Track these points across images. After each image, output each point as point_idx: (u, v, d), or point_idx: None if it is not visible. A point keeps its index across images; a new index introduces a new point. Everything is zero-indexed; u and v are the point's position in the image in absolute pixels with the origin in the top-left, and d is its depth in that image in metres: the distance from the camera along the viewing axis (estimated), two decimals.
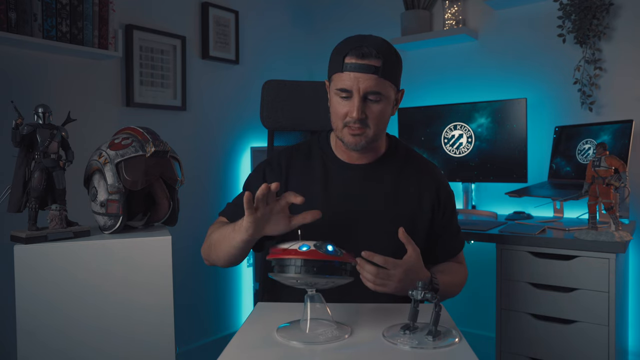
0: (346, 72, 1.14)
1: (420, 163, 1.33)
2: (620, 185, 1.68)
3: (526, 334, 1.82)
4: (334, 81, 1.18)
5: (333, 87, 1.19)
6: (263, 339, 0.91)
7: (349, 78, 1.14)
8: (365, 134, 1.18)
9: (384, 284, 1.07)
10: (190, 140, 2.46)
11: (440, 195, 1.29)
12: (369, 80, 1.13)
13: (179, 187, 1.41)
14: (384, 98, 1.17)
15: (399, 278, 1.07)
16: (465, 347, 0.86)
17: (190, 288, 2.42)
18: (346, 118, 1.17)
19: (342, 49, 1.16)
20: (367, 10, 2.92)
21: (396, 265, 1.07)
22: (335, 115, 1.20)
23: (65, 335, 1.19)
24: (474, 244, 2.12)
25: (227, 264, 1.21)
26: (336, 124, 1.21)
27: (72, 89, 2.03)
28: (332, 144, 1.31)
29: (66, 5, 1.87)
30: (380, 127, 1.20)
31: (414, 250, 1.11)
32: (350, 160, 1.28)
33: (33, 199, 1.23)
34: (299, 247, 0.88)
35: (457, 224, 1.35)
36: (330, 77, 1.21)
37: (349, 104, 1.16)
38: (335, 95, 1.19)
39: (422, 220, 1.26)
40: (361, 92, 1.14)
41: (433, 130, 2.47)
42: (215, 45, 2.53)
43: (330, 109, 1.23)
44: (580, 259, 1.72)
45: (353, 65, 1.13)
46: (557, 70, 2.33)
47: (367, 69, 1.13)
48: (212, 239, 1.22)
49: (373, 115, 1.17)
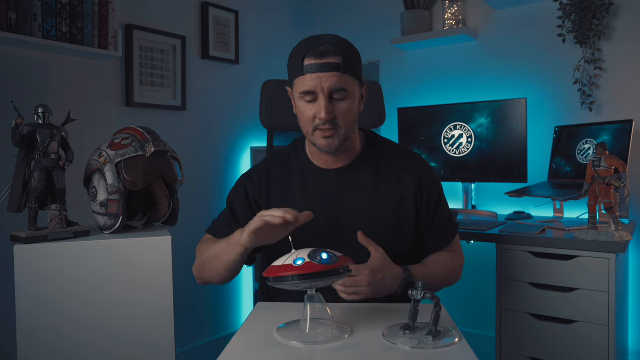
0: (307, 74, 1.12)
1: (399, 155, 1.30)
2: (620, 185, 1.68)
3: (526, 334, 1.82)
4: (297, 86, 1.16)
5: (296, 92, 1.16)
6: (263, 339, 0.91)
7: (311, 79, 1.11)
8: (337, 134, 1.16)
9: (355, 291, 1.07)
10: (190, 140, 2.46)
11: (422, 185, 1.25)
12: (331, 78, 1.11)
13: (179, 187, 1.41)
14: (350, 95, 1.15)
15: (368, 281, 1.07)
16: (465, 347, 0.86)
17: (190, 288, 2.42)
18: (315, 121, 1.15)
19: (299, 52, 1.14)
20: (367, 10, 2.92)
21: (359, 270, 1.07)
22: (303, 121, 1.17)
23: (65, 335, 1.19)
24: (474, 244, 2.12)
25: (222, 280, 1.18)
26: (306, 129, 1.18)
27: (72, 89, 2.03)
28: (307, 151, 1.29)
29: (66, 5, 1.87)
30: (351, 125, 1.18)
31: (377, 251, 1.11)
32: (327, 165, 1.26)
33: (33, 199, 1.23)
34: (293, 262, 0.86)
35: (447, 211, 1.30)
36: (291, 84, 1.19)
37: (316, 106, 1.14)
38: (300, 100, 1.16)
39: (406, 213, 1.23)
40: (326, 91, 1.12)
41: (433, 130, 2.47)
42: (215, 45, 2.53)
43: (298, 115, 1.20)
44: (580, 259, 1.72)
45: (313, 65, 1.11)
46: (557, 70, 2.33)
47: (328, 67, 1.11)
48: (205, 256, 1.19)
49: (341, 114, 1.15)
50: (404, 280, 1.13)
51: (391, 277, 1.12)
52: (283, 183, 1.27)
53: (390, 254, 1.15)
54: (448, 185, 2.54)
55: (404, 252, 1.23)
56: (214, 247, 1.17)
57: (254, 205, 1.28)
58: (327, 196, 1.24)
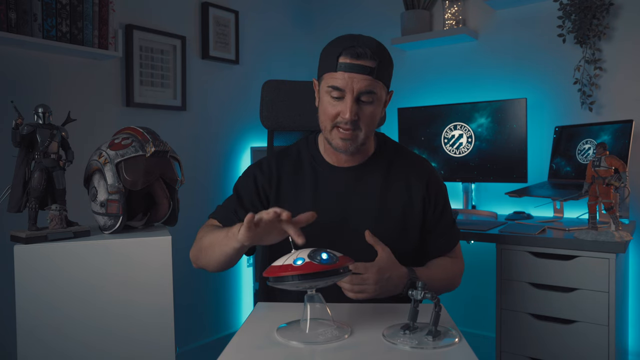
0: (340, 71, 1.12)
1: (409, 158, 1.32)
2: (620, 185, 1.68)
3: (526, 334, 1.82)
4: (326, 80, 1.15)
5: (324, 84, 1.16)
6: (263, 339, 0.91)
7: (342, 77, 1.12)
8: (356, 137, 1.16)
9: (362, 289, 1.08)
10: (190, 140, 2.46)
11: (430, 189, 1.27)
12: (363, 80, 1.12)
13: (179, 187, 1.41)
14: (376, 99, 1.15)
15: (375, 280, 1.08)
16: (465, 347, 0.86)
17: (190, 288, 2.42)
18: (337, 119, 1.15)
19: (335, 48, 1.14)
20: (367, 10, 2.92)
21: (367, 268, 1.08)
22: (324, 116, 1.17)
23: (65, 335, 1.19)
24: (474, 244, 2.12)
25: (217, 269, 1.18)
26: (325, 124, 1.18)
27: (72, 89, 2.03)
28: (320, 147, 1.29)
29: (66, 5, 1.87)
30: (371, 129, 1.19)
31: (384, 250, 1.12)
32: (339, 163, 1.27)
33: (33, 199, 1.23)
34: (293, 261, 0.86)
35: (450, 218, 1.32)
36: (320, 76, 1.19)
37: (341, 104, 1.14)
38: (326, 94, 1.16)
39: (413, 216, 1.25)
40: (355, 92, 1.12)
41: (433, 130, 2.47)
42: (215, 45, 2.53)
43: (320, 109, 1.20)
44: (580, 259, 1.72)
45: (348, 65, 1.11)
46: (557, 70, 2.33)
47: (362, 69, 1.11)
48: (203, 243, 1.19)
49: (365, 117, 1.15)
50: (410, 280, 1.14)
51: (397, 276, 1.12)
52: (294, 177, 1.28)
53: (395, 254, 1.15)
54: (448, 185, 2.53)
55: (408, 253, 1.24)
56: (212, 235, 1.15)
57: (262, 194, 1.27)
58: (337, 193, 1.25)
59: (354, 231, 1.20)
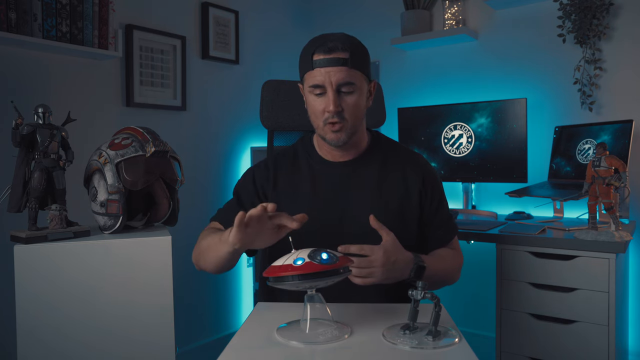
0: (316, 68, 1.16)
1: (404, 152, 1.35)
2: (620, 185, 1.68)
3: (526, 334, 1.82)
4: (307, 80, 1.20)
5: (306, 85, 1.21)
6: (263, 339, 0.91)
7: (320, 74, 1.16)
8: (344, 128, 1.19)
9: (369, 273, 1.08)
10: (190, 140, 2.46)
11: (425, 183, 1.29)
12: (339, 72, 1.15)
13: (179, 187, 1.41)
14: (357, 89, 1.18)
15: (382, 262, 1.08)
16: (465, 347, 0.86)
17: (190, 288, 2.42)
18: (325, 114, 1.19)
19: (309, 48, 1.19)
20: (367, 10, 2.92)
21: (374, 250, 1.09)
22: (313, 115, 1.22)
23: (65, 335, 1.19)
24: (474, 244, 2.12)
25: (216, 271, 1.20)
26: (316, 122, 1.22)
27: (72, 89, 2.03)
28: (315, 145, 1.33)
29: (66, 5, 1.87)
30: (357, 119, 1.22)
31: (388, 235, 1.12)
32: (334, 158, 1.29)
33: (33, 199, 1.23)
34: (293, 262, 0.87)
35: (447, 211, 1.35)
36: (302, 79, 1.23)
37: (324, 99, 1.18)
38: (310, 94, 1.20)
39: (410, 207, 1.27)
40: (334, 85, 1.16)
41: (433, 130, 2.47)
42: (215, 45, 2.53)
43: (308, 110, 1.24)
44: (580, 259, 1.72)
45: (322, 60, 1.16)
46: (557, 70, 2.33)
47: (336, 62, 1.15)
48: (201, 246, 1.22)
49: (349, 107, 1.18)
50: (416, 264, 1.14)
51: (403, 260, 1.13)
52: (291, 173, 1.31)
53: None
54: (448, 185, 2.54)
55: (411, 244, 1.24)
56: (209, 239, 1.18)
57: (260, 191, 1.30)
58: (334, 187, 1.27)
59: (351, 224, 1.22)
